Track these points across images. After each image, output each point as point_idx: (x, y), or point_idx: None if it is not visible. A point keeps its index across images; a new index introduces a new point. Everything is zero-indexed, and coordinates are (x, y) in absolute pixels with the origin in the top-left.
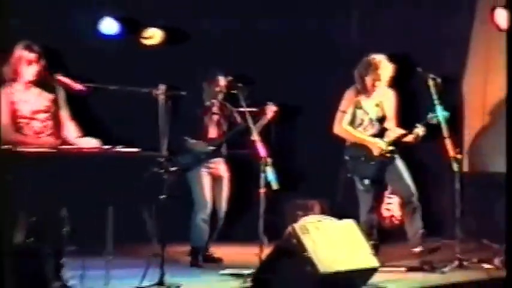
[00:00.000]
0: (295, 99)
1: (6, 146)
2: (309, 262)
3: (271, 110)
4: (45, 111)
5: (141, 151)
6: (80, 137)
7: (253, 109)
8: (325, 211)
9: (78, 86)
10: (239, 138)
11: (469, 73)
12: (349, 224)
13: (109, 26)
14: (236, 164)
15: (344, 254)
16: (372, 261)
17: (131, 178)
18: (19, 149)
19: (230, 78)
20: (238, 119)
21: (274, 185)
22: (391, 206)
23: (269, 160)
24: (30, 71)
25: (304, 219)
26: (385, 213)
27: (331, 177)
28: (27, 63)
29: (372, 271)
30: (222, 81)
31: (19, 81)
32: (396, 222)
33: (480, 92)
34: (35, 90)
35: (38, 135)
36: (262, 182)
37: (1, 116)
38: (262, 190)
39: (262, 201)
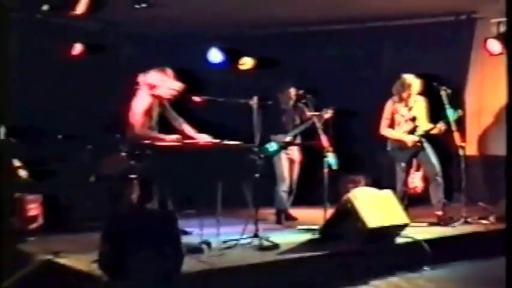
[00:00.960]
0: (350, 107)
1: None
2: (360, 220)
3: (329, 113)
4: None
5: (241, 144)
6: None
7: (317, 113)
8: (369, 184)
9: (197, 99)
10: (308, 133)
11: (469, 86)
12: (387, 193)
13: (215, 55)
14: (307, 151)
15: (384, 214)
16: (404, 219)
17: (235, 162)
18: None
19: (302, 91)
20: (307, 115)
21: (334, 166)
22: (415, 180)
23: (330, 148)
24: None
25: (356, 190)
26: (411, 185)
27: (374, 162)
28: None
29: (404, 226)
30: (293, 92)
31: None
32: (418, 191)
33: (477, 99)
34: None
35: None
36: (325, 164)
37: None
38: (325, 170)
39: (326, 178)
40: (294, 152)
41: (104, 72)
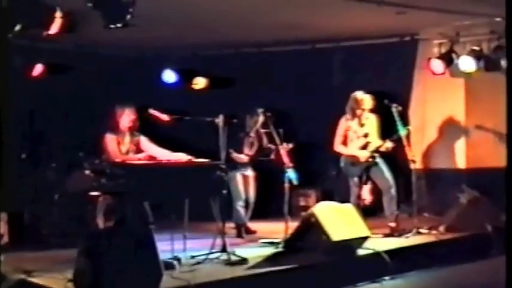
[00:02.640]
0: (306, 127)
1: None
2: (324, 233)
3: (289, 147)
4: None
5: (209, 161)
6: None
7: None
8: (319, 197)
9: (165, 117)
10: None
11: (413, 103)
12: (349, 206)
13: (169, 75)
14: (264, 167)
15: (347, 227)
16: (365, 232)
17: (204, 179)
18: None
19: (269, 114)
20: (266, 146)
21: (295, 181)
22: (363, 193)
23: (290, 164)
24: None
25: (319, 204)
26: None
27: (324, 176)
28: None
29: (365, 238)
30: (261, 118)
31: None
32: (367, 204)
33: (420, 116)
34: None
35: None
36: (286, 179)
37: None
38: (286, 184)
39: (287, 192)
40: (248, 169)
41: (67, 92)
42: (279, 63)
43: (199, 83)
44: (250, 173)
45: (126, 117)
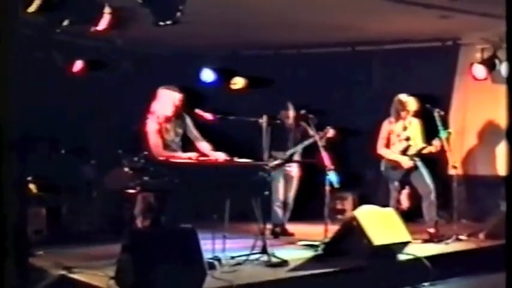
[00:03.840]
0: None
1: (161, 158)
2: (366, 237)
3: (330, 132)
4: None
5: (252, 162)
6: (212, 150)
7: (320, 132)
8: (356, 201)
9: (209, 117)
10: (310, 151)
11: (453, 108)
12: (390, 210)
13: (207, 75)
14: (307, 167)
15: (388, 231)
16: (406, 236)
17: (246, 179)
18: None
19: (303, 111)
20: (310, 133)
21: (336, 184)
22: (402, 198)
23: (332, 166)
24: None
25: (360, 207)
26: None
27: (362, 179)
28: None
29: (406, 243)
30: (292, 112)
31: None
32: (404, 209)
33: (461, 121)
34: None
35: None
36: (327, 181)
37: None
38: (327, 187)
39: (327, 195)
40: (293, 168)
41: (106, 89)
42: (318, 65)
43: (238, 82)
44: (295, 172)
45: (171, 98)
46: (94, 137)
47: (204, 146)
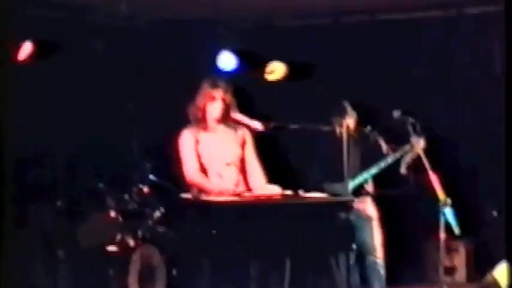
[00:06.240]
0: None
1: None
2: None
3: (421, 143)
4: (233, 155)
5: (327, 197)
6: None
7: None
8: (470, 253)
9: (259, 126)
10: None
11: None
12: None
13: (227, 60)
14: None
15: None
16: None
17: (319, 226)
18: (203, 195)
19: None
20: (384, 148)
21: (456, 230)
22: None
23: (448, 200)
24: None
25: (498, 267)
26: None
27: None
28: (212, 100)
29: None
30: (352, 118)
31: (205, 121)
32: None
33: None
34: (222, 132)
35: (222, 179)
36: (441, 222)
37: (188, 156)
38: (442, 235)
39: (442, 245)
40: (368, 206)
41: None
42: (406, 37)
43: (276, 70)
44: (371, 211)
45: (216, 102)
46: (59, 164)
47: (257, 176)
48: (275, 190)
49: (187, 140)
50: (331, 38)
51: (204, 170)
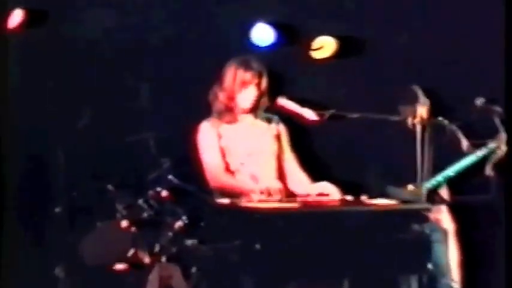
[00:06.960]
0: None
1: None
2: None
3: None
4: (266, 151)
5: (399, 204)
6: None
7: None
8: None
9: (312, 115)
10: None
11: None
12: None
13: (263, 34)
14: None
15: None
16: None
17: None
18: (232, 198)
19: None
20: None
21: None
22: None
23: None
24: (246, 97)
25: None
26: None
27: None
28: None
29: None
30: (425, 106)
31: (232, 111)
32: None
33: None
34: (251, 125)
35: (254, 180)
36: None
37: (210, 154)
38: None
39: None
40: (443, 216)
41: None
42: None
43: (325, 45)
44: (447, 223)
45: (248, 87)
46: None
47: (296, 180)
48: (329, 189)
49: (208, 134)
50: (396, 5)
51: (229, 169)
